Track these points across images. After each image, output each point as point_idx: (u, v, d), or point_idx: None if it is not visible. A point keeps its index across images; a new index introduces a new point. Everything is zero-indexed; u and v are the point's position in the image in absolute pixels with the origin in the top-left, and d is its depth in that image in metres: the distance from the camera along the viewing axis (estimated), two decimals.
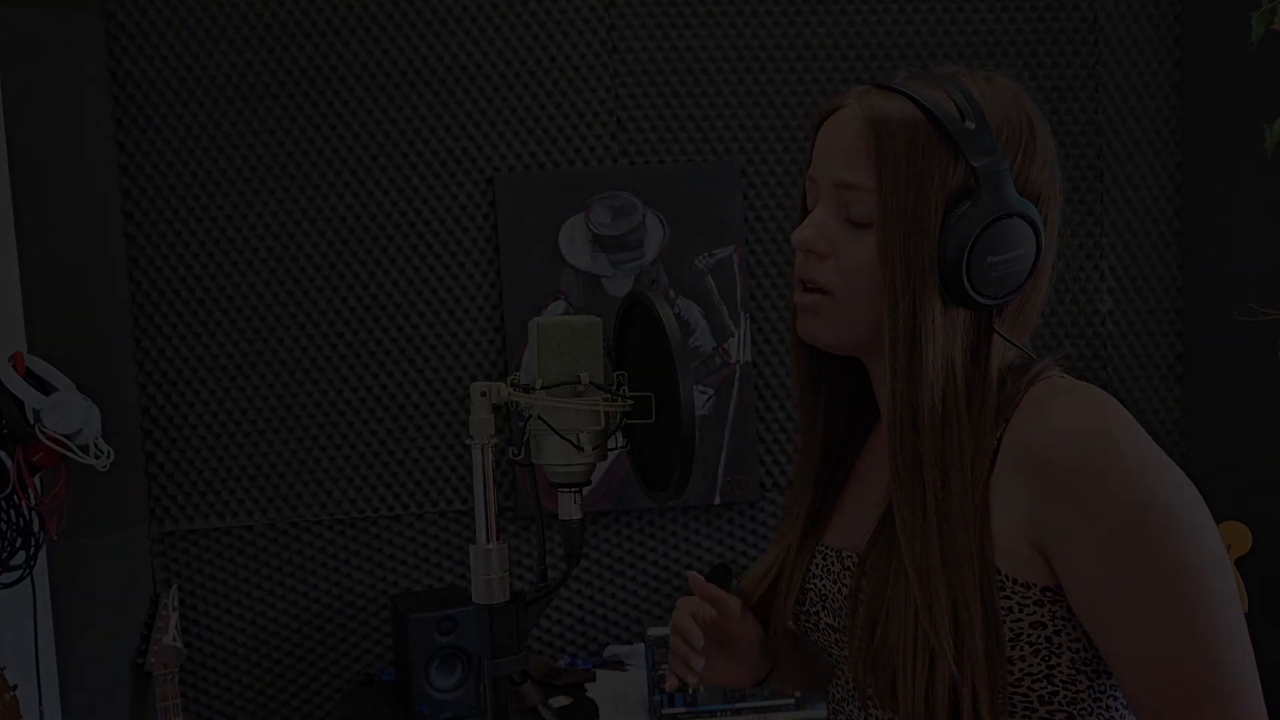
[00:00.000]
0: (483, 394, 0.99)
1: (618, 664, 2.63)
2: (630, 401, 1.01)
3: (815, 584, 1.08)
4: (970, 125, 0.94)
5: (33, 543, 1.95)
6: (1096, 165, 2.78)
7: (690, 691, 2.28)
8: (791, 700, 2.27)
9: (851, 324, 0.99)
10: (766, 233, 2.74)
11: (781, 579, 1.12)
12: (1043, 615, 0.93)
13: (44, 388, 1.95)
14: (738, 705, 2.28)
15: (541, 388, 1.00)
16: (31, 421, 1.91)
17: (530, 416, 1.00)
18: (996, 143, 0.94)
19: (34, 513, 1.95)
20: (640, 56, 2.70)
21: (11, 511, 1.93)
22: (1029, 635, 0.93)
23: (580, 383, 1.00)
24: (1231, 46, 2.50)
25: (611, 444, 1.04)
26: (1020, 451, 0.93)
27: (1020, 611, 0.93)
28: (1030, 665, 0.93)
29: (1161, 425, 2.80)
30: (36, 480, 1.96)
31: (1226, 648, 0.88)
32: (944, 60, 2.69)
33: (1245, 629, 0.90)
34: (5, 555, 1.92)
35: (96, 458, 1.99)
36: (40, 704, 2.03)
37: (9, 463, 1.90)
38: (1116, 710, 0.97)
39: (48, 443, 1.91)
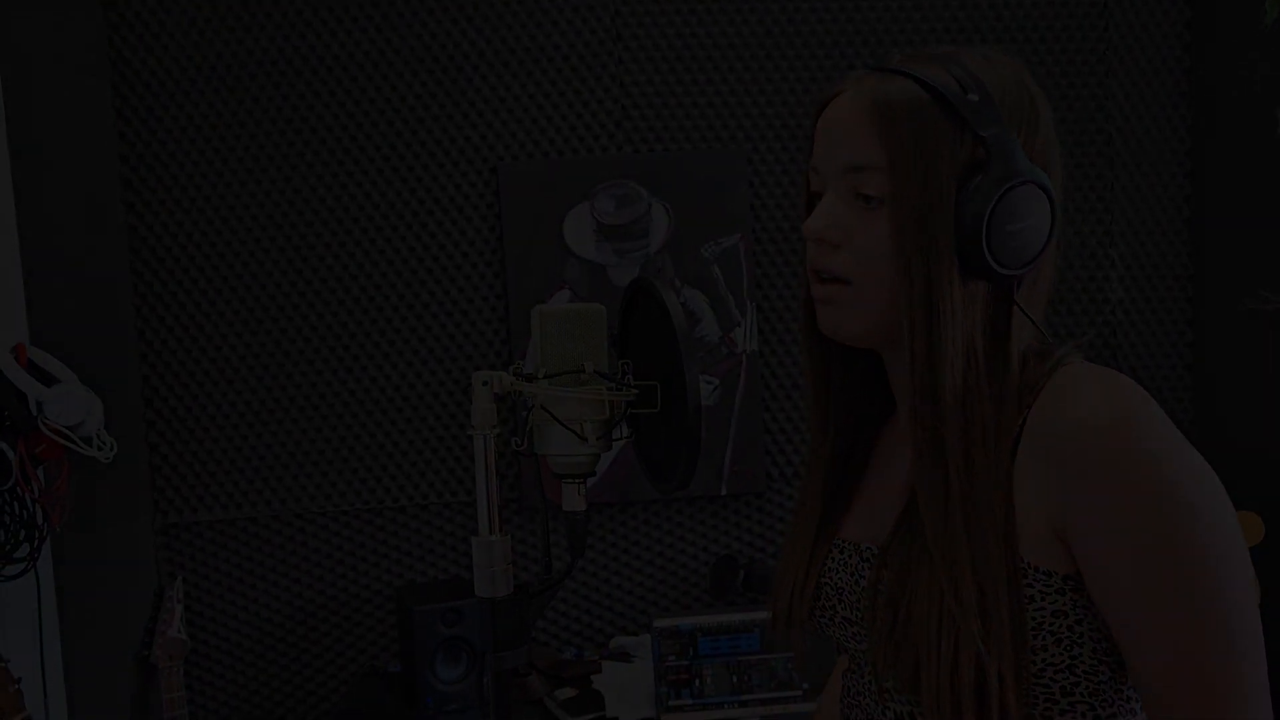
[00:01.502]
0: (485, 383, 0.98)
1: (623, 656, 2.61)
2: (635, 391, 0.99)
3: (831, 578, 1.07)
4: (973, 98, 0.93)
5: (36, 535, 1.94)
6: (1106, 151, 2.76)
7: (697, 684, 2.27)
8: (799, 692, 2.26)
9: (874, 312, 0.97)
10: (773, 221, 2.72)
11: (797, 573, 1.10)
12: (1064, 604, 0.91)
13: (46, 379, 1.94)
14: (744, 697, 2.27)
15: (545, 377, 0.98)
16: (34, 413, 1.90)
17: (533, 406, 0.99)
18: (1001, 113, 0.94)
19: (37, 505, 1.94)
20: (645, 44, 2.68)
21: (15, 504, 1.92)
22: (1050, 624, 0.92)
23: (584, 371, 0.98)
24: (1244, 29, 2.47)
25: (616, 434, 1.02)
26: (1045, 436, 0.91)
27: (1042, 600, 0.91)
28: (1052, 655, 0.92)
29: (1171, 414, 2.75)
30: (39, 473, 1.95)
31: (1238, 641, 0.87)
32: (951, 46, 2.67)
33: (1258, 623, 0.89)
34: (9, 548, 1.92)
35: (99, 450, 1.98)
36: (45, 697, 2.03)
37: (11, 455, 1.89)
38: (1137, 701, 0.96)
39: (50, 435, 1.90)
